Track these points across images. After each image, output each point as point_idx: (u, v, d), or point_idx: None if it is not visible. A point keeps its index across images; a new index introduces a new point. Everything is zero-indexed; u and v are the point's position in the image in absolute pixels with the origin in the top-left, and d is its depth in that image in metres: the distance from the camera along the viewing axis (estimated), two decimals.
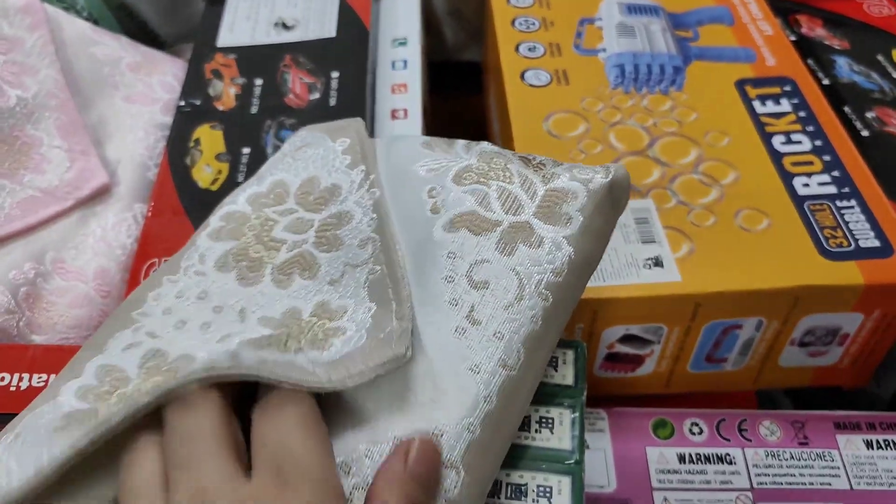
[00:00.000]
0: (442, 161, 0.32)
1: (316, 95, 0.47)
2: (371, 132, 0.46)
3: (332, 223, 0.31)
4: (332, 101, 0.46)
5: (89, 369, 0.27)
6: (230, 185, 0.43)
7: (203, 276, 0.31)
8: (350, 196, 0.32)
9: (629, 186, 0.31)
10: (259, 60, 0.50)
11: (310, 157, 0.34)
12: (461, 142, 0.33)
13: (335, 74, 0.48)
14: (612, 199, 0.30)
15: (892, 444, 0.39)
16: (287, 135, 0.45)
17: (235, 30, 0.52)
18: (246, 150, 0.44)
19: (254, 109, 0.47)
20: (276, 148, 0.44)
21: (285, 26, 0.52)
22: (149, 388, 0.24)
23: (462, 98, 0.62)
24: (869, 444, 0.39)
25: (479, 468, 0.26)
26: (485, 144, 0.32)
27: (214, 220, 0.33)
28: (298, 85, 0.48)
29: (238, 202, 0.34)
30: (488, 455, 0.26)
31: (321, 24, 0.52)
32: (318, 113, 0.46)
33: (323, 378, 0.25)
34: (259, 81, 0.48)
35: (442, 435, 0.25)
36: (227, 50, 0.50)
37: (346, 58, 0.49)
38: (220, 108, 0.47)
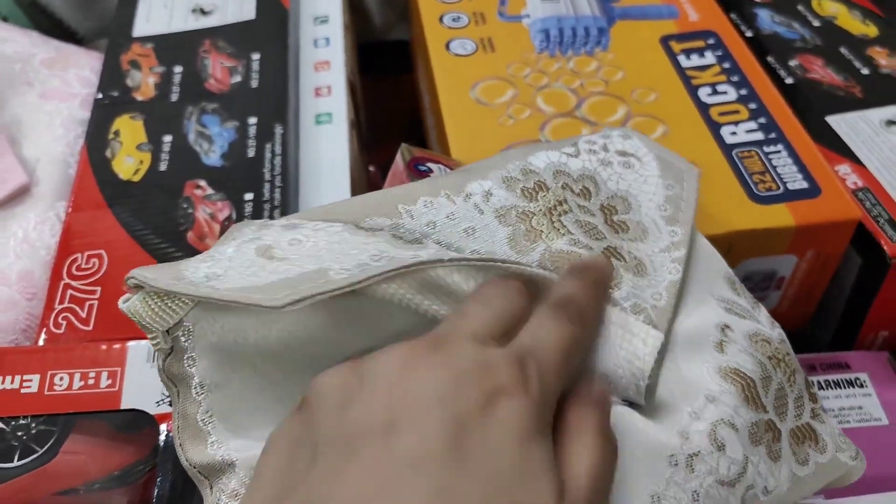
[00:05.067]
0: (744, 311, 0.30)
1: (237, 78, 0.46)
2: (296, 111, 0.45)
3: (622, 258, 0.30)
4: (254, 83, 0.45)
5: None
6: (153, 174, 0.42)
7: (480, 215, 0.30)
8: (652, 251, 0.30)
9: (853, 481, 0.30)
10: (178, 48, 0.48)
11: (630, 175, 0.33)
12: (765, 310, 0.31)
13: (256, 56, 0.47)
14: (837, 477, 0.30)
15: (832, 384, 0.40)
16: (209, 120, 0.44)
17: (152, 19, 0.50)
18: (167, 139, 0.43)
19: (174, 97, 0.45)
20: (199, 134, 0.43)
21: (203, 12, 0.50)
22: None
23: (393, 77, 0.61)
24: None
25: None
26: (785, 335, 0.31)
27: (513, 168, 0.32)
28: (219, 69, 0.47)
29: (540, 166, 0.32)
30: None
31: (240, 6, 0.50)
32: (240, 96, 0.45)
33: None
34: (178, 69, 0.47)
35: None
36: (144, 39, 0.49)
37: (267, 39, 0.48)
38: (140, 98, 0.46)
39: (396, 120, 0.61)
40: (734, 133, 0.42)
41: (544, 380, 0.23)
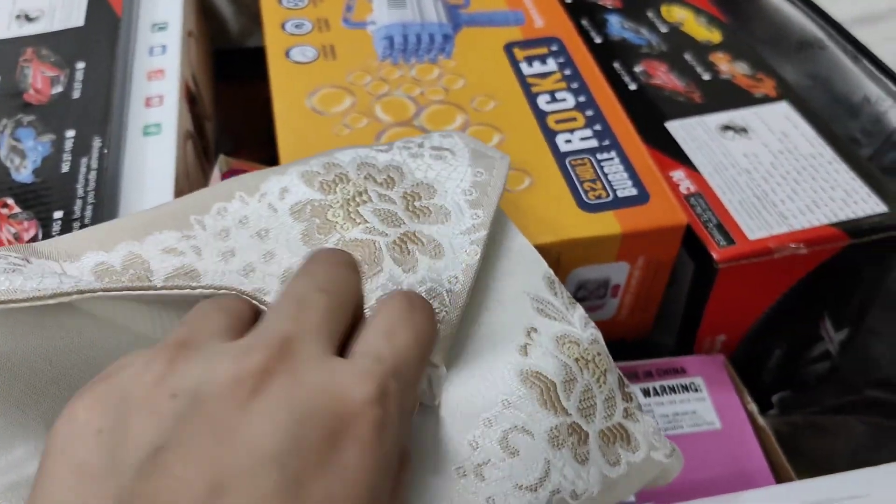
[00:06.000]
0: (556, 312, 0.30)
1: (59, 89, 0.43)
2: (120, 123, 0.43)
3: (419, 242, 0.29)
4: (76, 94, 0.43)
5: (120, 250, 0.27)
6: None
7: (274, 214, 0.29)
8: (453, 233, 0.30)
9: (672, 477, 0.30)
10: None
11: (439, 165, 0.32)
12: (582, 312, 0.31)
13: (81, 65, 0.44)
14: (652, 477, 0.29)
15: (668, 390, 0.40)
16: (23, 133, 0.41)
17: None
18: None
19: None
20: (12, 148, 0.41)
21: (28, 18, 0.48)
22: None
23: (250, 84, 0.59)
24: (646, 392, 0.40)
25: None
26: (599, 335, 0.30)
27: (315, 163, 0.31)
28: (40, 79, 0.44)
29: (345, 160, 0.31)
30: None
31: (68, 13, 0.48)
32: (60, 107, 0.42)
33: None
34: None
35: None
36: None
37: (94, 47, 0.45)
38: None
39: (256, 127, 0.59)
40: (569, 141, 0.41)
41: (404, 408, 0.20)
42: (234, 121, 0.62)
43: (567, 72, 0.45)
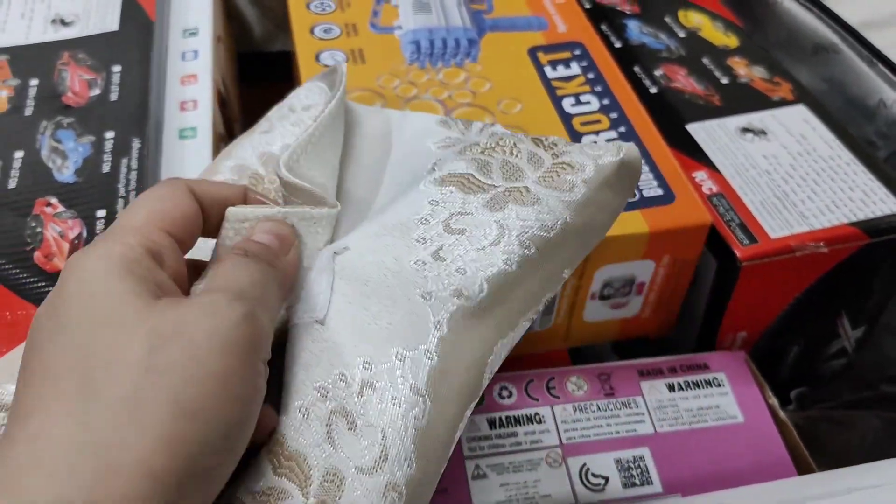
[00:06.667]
0: (454, 140, 0.33)
1: (96, 91, 0.44)
2: (157, 125, 0.44)
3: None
4: (114, 96, 0.44)
5: None
6: (0, 192, 0.40)
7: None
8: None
9: (640, 167, 0.31)
10: (34, 60, 0.46)
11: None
12: (478, 124, 0.33)
13: (116, 69, 0.46)
14: (621, 177, 0.31)
15: (691, 385, 0.41)
16: (63, 135, 0.42)
17: (8, 30, 0.48)
18: (19, 154, 0.41)
19: (28, 111, 0.44)
20: (53, 149, 0.42)
21: (63, 23, 0.49)
22: None
23: (274, 87, 0.60)
24: (671, 388, 0.41)
25: (443, 396, 0.26)
26: (498, 127, 0.33)
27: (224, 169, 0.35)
28: (77, 82, 0.45)
29: (252, 158, 0.36)
30: (451, 383, 0.26)
31: (102, 18, 0.49)
32: (98, 110, 0.43)
33: None
34: (34, 82, 0.45)
35: (404, 359, 0.25)
36: None
37: (129, 51, 0.47)
38: None
39: None
40: (595, 142, 0.43)
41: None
42: (250, 122, 0.63)
43: (590, 75, 0.47)
